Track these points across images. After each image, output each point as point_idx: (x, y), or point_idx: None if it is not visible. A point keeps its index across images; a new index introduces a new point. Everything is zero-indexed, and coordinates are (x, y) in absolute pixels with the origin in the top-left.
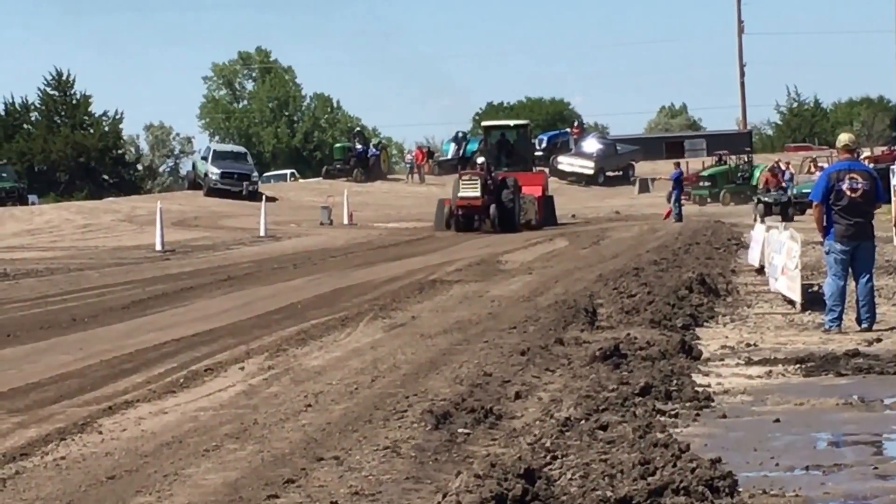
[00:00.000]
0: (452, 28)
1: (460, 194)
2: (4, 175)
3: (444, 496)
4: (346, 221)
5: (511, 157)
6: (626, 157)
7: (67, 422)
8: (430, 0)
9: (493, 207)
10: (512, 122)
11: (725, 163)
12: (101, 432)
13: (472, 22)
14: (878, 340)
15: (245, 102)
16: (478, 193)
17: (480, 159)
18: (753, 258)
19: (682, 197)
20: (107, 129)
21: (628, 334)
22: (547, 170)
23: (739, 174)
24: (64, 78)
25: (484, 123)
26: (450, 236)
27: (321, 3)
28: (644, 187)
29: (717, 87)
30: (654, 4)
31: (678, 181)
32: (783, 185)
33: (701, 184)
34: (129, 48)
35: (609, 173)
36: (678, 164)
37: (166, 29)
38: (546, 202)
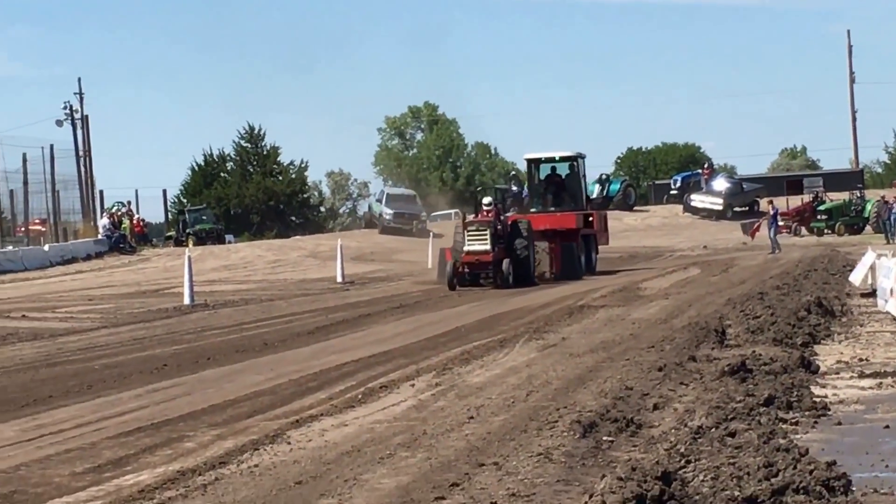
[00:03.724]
0: (589, 80)
1: (466, 248)
2: (204, 218)
3: (591, 496)
4: None
5: (561, 195)
6: (752, 194)
7: (260, 434)
8: (584, 44)
9: (506, 262)
10: (559, 154)
11: (823, 201)
12: (289, 443)
13: (608, 75)
14: None
15: (414, 150)
16: (487, 247)
17: (487, 199)
18: (856, 278)
19: (781, 230)
20: (293, 176)
21: (754, 351)
22: (602, 213)
23: (853, 208)
24: (256, 132)
25: (527, 156)
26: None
27: (480, 61)
28: (745, 229)
29: (832, 130)
30: (776, 58)
31: (775, 217)
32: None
33: (818, 217)
34: (312, 105)
35: (736, 209)
36: (771, 203)
37: (343, 87)
38: (567, 250)
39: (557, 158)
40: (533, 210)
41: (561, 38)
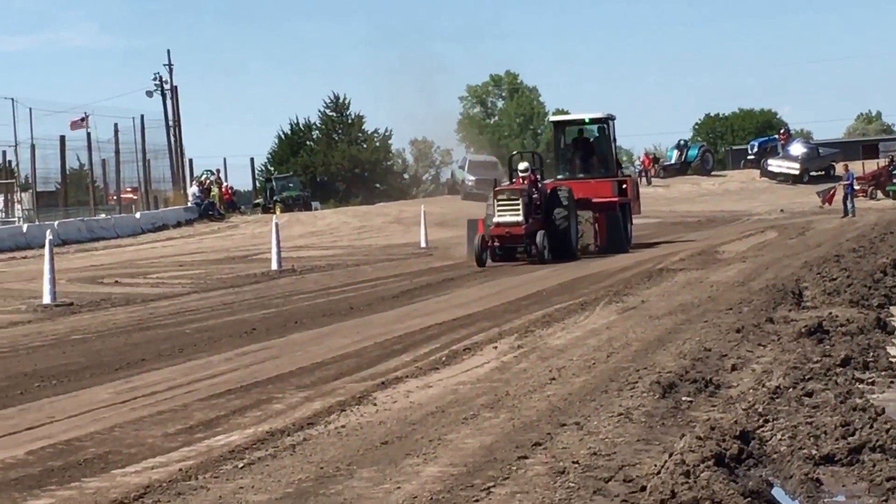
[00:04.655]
0: (667, 47)
1: (496, 219)
2: (291, 185)
3: (671, 455)
4: None
5: (590, 160)
6: (828, 158)
7: (347, 395)
8: (662, 14)
9: (540, 234)
10: (588, 116)
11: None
12: (375, 404)
13: (687, 42)
14: None
15: (496, 118)
16: (519, 218)
17: (523, 165)
18: None
19: (857, 194)
20: (378, 144)
21: (830, 313)
22: (634, 176)
23: None
24: (341, 101)
25: (552, 118)
26: (663, 229)
27: (559, 30)
28: (821, 196)
29: None
30: (853, 24)
31: (850, 181)
32: None
33: (894, 180)
34: (397, 75)
35: (813, 173)
36: (847, 168)
37: (431, 58)
38: (612, 221)
39: (586, 120)
40: (560, 177)
41: (642, 6)
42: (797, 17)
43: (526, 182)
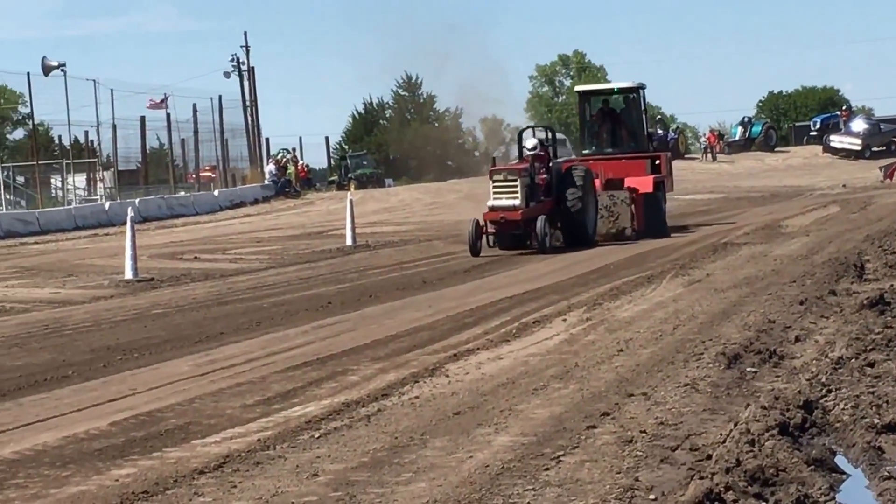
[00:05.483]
0: (731, 25)
1: (491, 203)
2: (365, 163)
3: (736, 425)
4: None
5: (618, 133)
6: (889, 134)
7: (420, 367)
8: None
9: (540, 220)
10: (616, 86)
11: None
12: (447, 375)
13: (750, 20)
14: None
15: (563, 97)
16: (516, 202)
17: (532, 142)
18: None
19: None
20: (449, 122)
21: (892, 285)
22: (668, 154)
23: None
24: (413, 81)
25: (578, 88)
26: (728, 204)
27: (633, 8)
28: (884, 171)
29: None
30: None
31: None
32: None
33: None
34: (456, 58)
35: (874, 149)
36: None
37: (500, 41)
38: (650, 202)
39: (615, 90)
40: (586, 151)
41: None
42: None
43: (531, 161)
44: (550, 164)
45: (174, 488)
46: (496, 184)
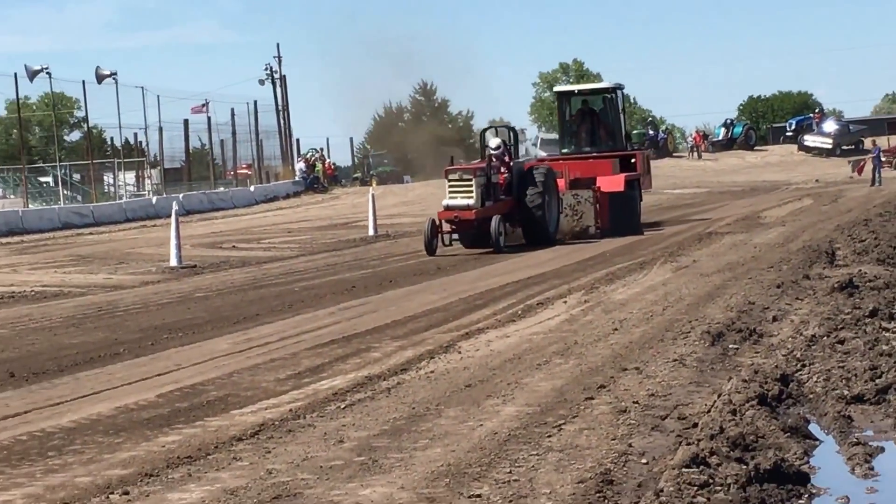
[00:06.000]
0: (715, 34)
1: (446, 202)
2: (385, 161)
3: (719, 396)
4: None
5: (596, 132)
6: (857, 134)
7: (435, 345)
8: (709, 8)
9: (495, 219)
10: (593, 86)
11: None
12: (460, 352)
13: (733, 29)
14: None
15: None
16: (470, 201)
17: (495, 142)
18: None
19: (883, 165)
20: (461, 124)
21: (860, 270)
22: (647, 153)
23: None
24: (428, 87)
25: (557, 88)
26: (712, 198)
27: (626, 17)
28: (853, 166)
29: None
30: (885, 12)
31: (878, 154)
32: None
33: None
34: (477, 60)
35: (844, 147)
36: (875, 142)
37: (500, 46)
38: (617, 201)
39: (591, 91)
40: (564, 150)
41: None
42: (833, 8)
43: (489, 161)
44: (512, 164)
45: (215, 453)
46: (451, 183)
